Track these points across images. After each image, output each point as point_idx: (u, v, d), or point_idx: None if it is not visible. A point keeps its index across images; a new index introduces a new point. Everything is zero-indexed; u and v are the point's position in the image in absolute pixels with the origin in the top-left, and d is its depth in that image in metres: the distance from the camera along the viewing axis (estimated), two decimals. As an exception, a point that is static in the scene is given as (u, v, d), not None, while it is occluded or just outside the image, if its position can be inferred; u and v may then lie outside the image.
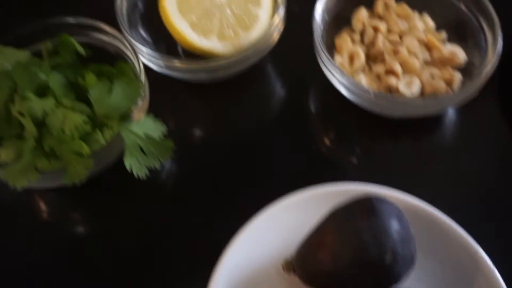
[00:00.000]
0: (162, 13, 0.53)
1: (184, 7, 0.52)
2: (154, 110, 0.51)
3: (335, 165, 0.53)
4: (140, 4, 0.57)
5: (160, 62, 0.51)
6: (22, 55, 0.51)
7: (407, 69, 0.51)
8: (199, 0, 0.53)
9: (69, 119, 0.46)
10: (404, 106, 0.48)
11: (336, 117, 0.55)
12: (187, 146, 0.54)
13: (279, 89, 0.58)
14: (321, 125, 0.56)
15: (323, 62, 0.51)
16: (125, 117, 0.47)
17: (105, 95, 0.47)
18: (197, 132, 0.56)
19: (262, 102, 0.57)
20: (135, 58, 0.51)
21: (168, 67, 0.51)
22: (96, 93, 0.46)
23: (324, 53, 0.50)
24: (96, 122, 0.47)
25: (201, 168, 0.53)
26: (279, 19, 0.52)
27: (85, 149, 0.44)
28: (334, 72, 0.50)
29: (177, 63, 0.50)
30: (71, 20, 0.53)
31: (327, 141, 0.54)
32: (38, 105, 0.46)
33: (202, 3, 0.53)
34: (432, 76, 0.52)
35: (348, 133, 0.55)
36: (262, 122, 0.56)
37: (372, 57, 0.54)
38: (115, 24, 0.53)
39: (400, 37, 0.54)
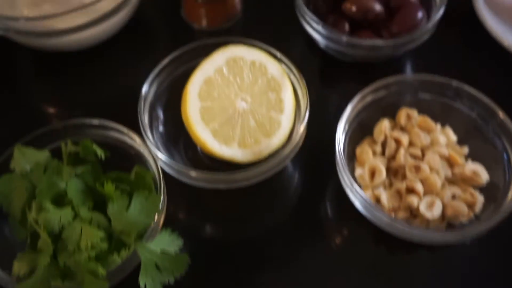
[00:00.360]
0: (185, 121, 0.53)
1: (207, 115, 0.52)
2: (168, 210, 0.50)
3: (345, 280, 0.52)
4: (161, 104, 0.57)
5: (177, 170, 0.51)
6: (42, 156, 0.51)
7: (428, 188, 0.51)
8: (223, 108, 0.52)
9: (85, 234, 0.45)
10: (423, 236, 0.47)
11: (350, 229, 0.54)
12: (200, 250, 0.53)
13: (294, 188, 0.58)
14: (334, 235, 0.55)
15: (343, 177, 0.51)
16: (142, 233, 0.46)
17: (124, 211, 0.46)
18: (209, 234, 0.55)
19: (277, 201, 0.57)
20: (154, 163, 0.51)
21: (185, 176, 0.51)
22: (115, 208, 0.46)
23: (345, 172, 0.49)
24: (113, 236, 0.46)
25: (213, 276, 0.52)
26: (303, 128, 0.52)
27: (101, 270, 0.43)
28: (354, 189, 0.49)
29: (193, 173, 0.50)
30: (94, 121, 0.53)
31: (338, 253, 0.53)
32: (55, 216, 0.46)
33: (225, 111, 0.53)
34: (454, 196, 0.51)
35: (361, 246, 0.54)
36: (275, 224, 0.55)
37: (393, 170, 0.53)
38: (136, 123, 0.54)
39: (422, 151, 0.53)
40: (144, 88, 0.54)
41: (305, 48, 0.68)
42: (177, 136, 0.57)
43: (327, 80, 0.66)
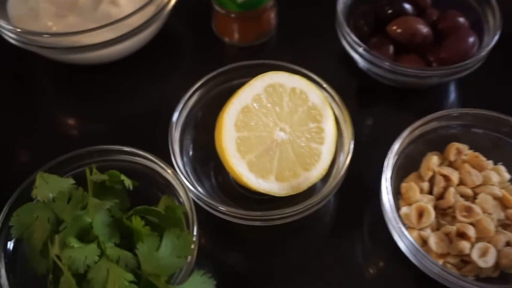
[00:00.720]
0: (219, 152, 0.49)
1: (243, 147, 0.48)
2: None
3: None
4: (191, 128, 0.54)
5: (207, 204, 0.48)
6: (66, 183, 0.47)
7: (480, 232, 0.47)
8: (260, 138, 0.49)
9: (113, 276, 0.42)
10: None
11: (389, 268, 0.51)
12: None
13: (331, 221, 0.54)
14: (372, 274, 0.51)
15: (389, 217, 0.47)
16: (173, 275, 0.43)
17: (154, 251, 0.43)
18: (241, 270, 0.52)
19: (312, 235, 0.53)
20: (185, 195, 0.47)
21: (216, 211, 0.47)
22: (145, 249, 0.43)
23: (393, 212, 0.46)
24: (141, 277, 0.43)
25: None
26: (348, 163, 0.48)
27: (129, 320, 0.40)
28: (401, 231, 0.46)
29: (222, 208, 0.47)
30: (120, 148, 0.50)
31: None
32: (80, 255, 0.42)
33: (262, 142, 0.49)
34: (508, 243, 0.47)
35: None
36: (310, 259, 0.52)
37: (441, 209, 0.49)
38: (162, 142, 0.51)
39: (473, 190, 0.49)
40: (175, 116, 0.51)
41: (343, 67, 0.64)
42: (207, 160, 0.54)
43: (365, 104, 0.62)
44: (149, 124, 0.59)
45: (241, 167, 0.48)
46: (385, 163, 0.48)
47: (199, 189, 0.49)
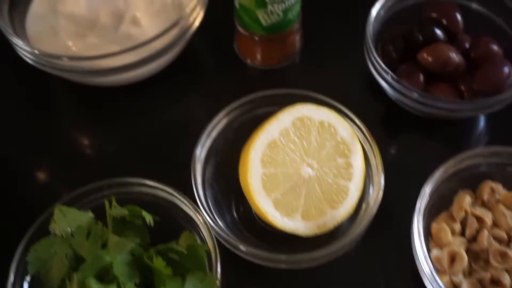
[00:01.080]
0: (244, 188, 0.47)
1: (269, 183, 0.46)
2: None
3: None
4: (213, 160, 0.52)
5: (227, 242, 0.46)
6: (85, 217, 0.46)
7: (516, 280, 0.45)
8: (286, 175, 0.47)
9: (133, 323, 0.40)
10: None
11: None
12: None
13: (355, 262, 0.52)
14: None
15: (420, 261, 0.45)
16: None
17: (176, 298, 0.41)
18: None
19: (337, 276, 0.51)
20: (207, 232, 0.46)
21: (236, 249, 0.46)
22: (167, 295, 0.41)
23: (425, 257, 0.44)
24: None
25: None
26: (378, 203, 0.46)
27: None
28: (432, 276, 0.44)
29: (242, 247, 0.45)
30: (140, 181, 0.48)
31: None
32: (99, 298, 0.41)
33: (289, 179, 0.47)
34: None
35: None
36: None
37: (473, 253, 0.47)
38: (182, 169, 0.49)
39: (507, 233, 0.47)
40: (198, 150, 0.49)
41: (369, 92, 0.61)
42: (229, 191, 0.52)
43: (392, 132, 0.60)
44: (168, 147, 0.58)
45: (266, 205, 0.46)
46: (417, 205, 0.46)
47: (221, 224, 0.47)
